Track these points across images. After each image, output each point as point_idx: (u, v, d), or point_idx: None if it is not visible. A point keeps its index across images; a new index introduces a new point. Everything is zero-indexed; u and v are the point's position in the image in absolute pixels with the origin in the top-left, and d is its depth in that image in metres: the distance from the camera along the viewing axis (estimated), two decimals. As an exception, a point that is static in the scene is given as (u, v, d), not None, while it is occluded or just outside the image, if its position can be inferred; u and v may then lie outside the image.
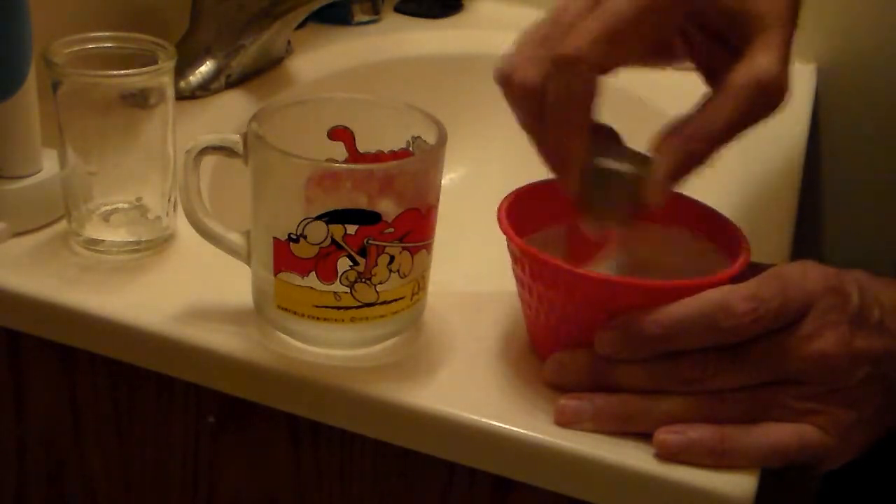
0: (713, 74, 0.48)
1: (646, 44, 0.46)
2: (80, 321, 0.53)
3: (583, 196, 0.48)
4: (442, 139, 0.49)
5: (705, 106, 0.46)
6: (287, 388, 0.50)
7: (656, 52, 0.51)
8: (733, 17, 0.46)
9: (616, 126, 0.50)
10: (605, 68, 0.45)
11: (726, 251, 0.50)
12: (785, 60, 0.45)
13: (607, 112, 0.48)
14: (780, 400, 0.46)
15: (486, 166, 0.92)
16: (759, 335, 0.45)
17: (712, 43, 0.48)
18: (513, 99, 0.48)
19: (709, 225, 0.52)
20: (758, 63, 0.45)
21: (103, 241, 0.57)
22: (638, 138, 0.50)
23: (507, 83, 0.48)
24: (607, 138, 0.50)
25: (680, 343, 0.46)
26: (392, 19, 1.02)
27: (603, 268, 0.49)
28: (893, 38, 0.98)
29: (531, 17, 0.49)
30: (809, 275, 0.47)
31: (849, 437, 0.47)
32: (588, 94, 0.45)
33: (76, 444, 0.59)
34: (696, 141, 0.46)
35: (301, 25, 0.89)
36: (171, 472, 0.57)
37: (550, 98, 0.46)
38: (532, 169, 0.51)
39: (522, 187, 0.53)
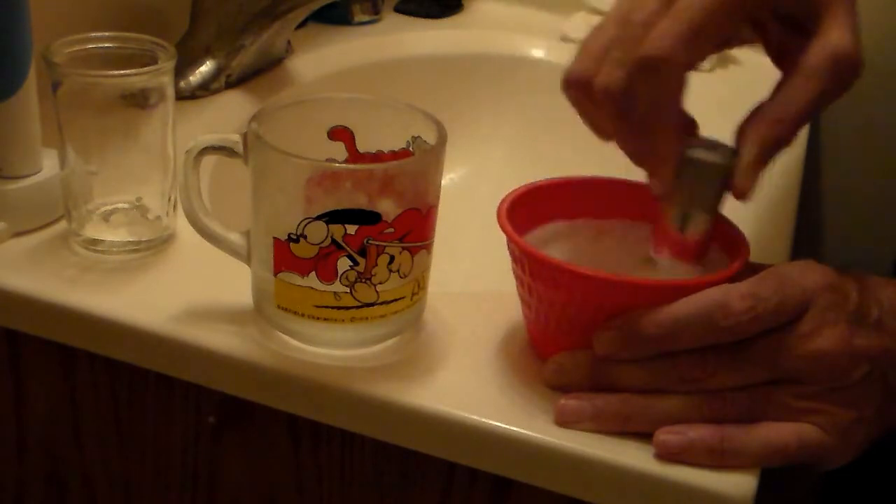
0: (783, 56, 0.48)
1: (725, 35, 0.46)
2: (80, 321, 0.53)
3: (674, 189, 0.48)
4: (442, 139, 0.49)
5: (784, 88, 0.46)
6: (287, 388, 0.50)
7: (728, 39, 0.51)
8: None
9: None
10: (692, 66, 0.45)
11: (725, 250, 0.50)
12: (855, 33, 0.46)
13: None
14: (779, 399, 0.46)
15: (486, 166, 0.92)
16: (757, 334, 0.45)
17: (781, 25, 0.48)
18: (594, 103, 0.47)
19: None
20: (831, 39, 0.45)
21: (103, 241, 0.57)
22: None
23: (586, 88, 0.46)
24: (688, 129, 0.50)
25: (679, 343, 0.46)
26: (392, 19, 1.02)
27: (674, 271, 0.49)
28: (893, 37, 0.98)
29: (531, 17, 0.49)
30: (808, 273, 0.47)
31: (849, 436, 0.47)
32: (678, 93, 0.46)
33: (76, 444, 0.59)
34: (779, 124, 0.46)
35: (301, 25, 0.89)
36: (171, 471, 0.57)
37: (643, 100, 0.45)
38: (532, 169, 0.51)
39: (522, 187, 0.52)
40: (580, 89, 0.47)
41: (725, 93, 0.47)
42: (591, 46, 0.47)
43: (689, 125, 0.50)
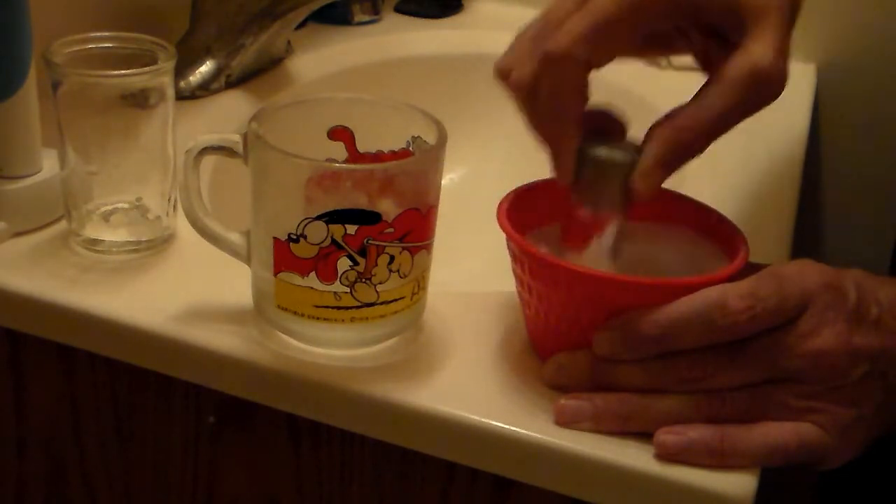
0: (709, 64, 0.48)
1: (633, 39, 0.47)
2: (80, 321, 0.53)
3: (578, 184, 0.49)
4: (442, 139, 0.49)
5: (698, 96, 0.46)
6: (287, 388, 0.50)
7: (652, 44, 0.51)
8: (728, 8, 0.46)
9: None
10: (593, 64, 0.46)
11: (725, 250, 0.50)
12: (781, 50, 0.45)
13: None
14: (778, 398, 0.46)
15: (486, 166, 0.92)
16: (756, 333, 0.45)
17: (708, 36, 0.48)
18: (511, 94, 0.49)
19: (708, 224, 0.52)
20: (752, 53, 0.45)
21: (103, 241, 0.57)
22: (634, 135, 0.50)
23: (505, 80, 0.49)
24: (610, 125, 0.50)
25: (678, 343, 0.46)
26: (392, 19, 1.02)
27: (595, 253, 0.49)
28: (893, 38, 0.98)
29: (531, 17, 0.49)
30: (807, 273, 0.47)
31: (848, 435, 0.47)
32: (576, 89, 0.46)
33: (76, 444, 0.59)
34: (686, 131, 0.46)
35: (301, 25, 0.89)
36: (171, 471, 0.57)
37: (542, 94, 0.47)
38: (532, 168, 0.51)
39: (522, 186, 0.53)
40: (503, 81, 0.49)
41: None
42: (518, 41, 0.49)
43: (611, 122, 0.50)
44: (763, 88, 0.45)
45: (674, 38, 0.50)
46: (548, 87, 0.46)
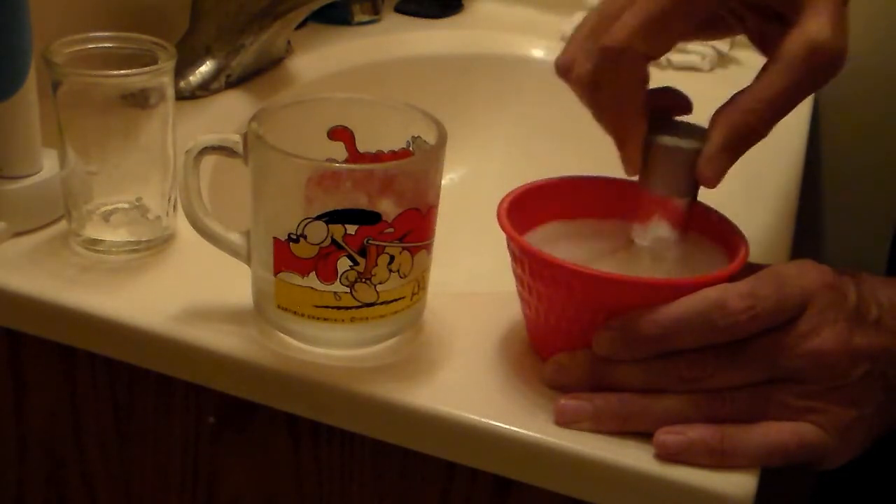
0: (767, 45, 0.48)
1: (687, 27, 0.47)
2: (80, 321, 0.53)
3: (645, 172, 0.49)
4: (442, 139, 0.49)
5: (759, 77, 0.46)
6: (287, 388, 0.50)
7: (707, 28, 0.51)
8: None
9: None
10: (651, 54, 0.46)
11: (725, 250, 0.50)
12: (838, 25, 0.45)
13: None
14: (778, 398, 0.46)
15: (486, 166, 0.92)
16: (756, 333, 0.45)
17: (762, 17, 0.49)
18: (574, 90, 0.49)
19: (708, 224, 0.52)
20: (809, 29, 0.45)
21: (103, 241, 0.57)
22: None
23: (566, 76, 0.49)
24: (671, 103, 0.51)
25: (678, 342, 0.46)
26: (392, 19, 1.02)
27: (655, 232, 0.50)
28: (893, 37, 0.98)
29: (531, 17, 0.49)
30: (806, 273, 0.47)
31: (849, 435, 0.47)
32: (637, 81, 0.47)
33: (76, 444, 0.59)
34: (749, 113, 0.46)
35: (301, 25, 0.89)
36: (171, 471, 0.57)
37: (604, 88, 0.47)
38: (532, 168, 0.51)
39: (522, 186, 0.53)
40: (565, 77, 0.49)
41: (725, 93, 0.47)
42: (576, 37, 0.49)
43: (682, 103, 0.51)
44: (823, 64, 0.45)
45: (728, 21, 0.51)
46: (609, 81, 0.47)
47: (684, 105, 0.51)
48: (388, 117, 0.52)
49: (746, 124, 0.46)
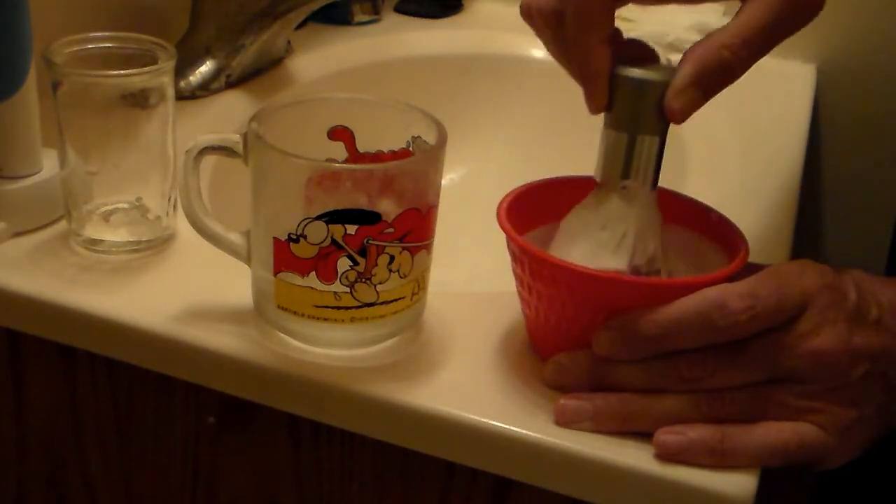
0: None
1: None
2: (80, 321, 0.53)
3: (613, 110, 0.48)
4: (442, 139, 0.49)
5: (737, 14, 0.45)
6: (287, 388, 0.50)
7: None
8: None
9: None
10: None
11: (725, 250, 0.50)
12: None
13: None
14: (779, 398, 0.46)
15: (486, 166, 0.92)
16: (756, 333, 0.45)
17: None
18: (535, 28, 0.48)
19: (708, 224, 0.52)
20: None
21: (103, 241, 0.57)
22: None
23: (528, 14, 0.48)
24: (639, 54, 0.49)
25: (678, 342, 0.46)
26: (392, 19, 1.02)
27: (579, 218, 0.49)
28: (893, 37, 0.98)
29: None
30: (806, 273, 0.47)
31: (849, 435, 0.47)
32: (601, 8, 0.46)
33: (76, 444, 0.59)
34: (724, 48, 0.44)
35: (301, 25, 0.89)
36: (171, 472, 0.57)
37: (568, 18, 0.46)
38: (532, 168, 0.51)
39: (522, 186, 0.53)
40: (525, 16, 0.48)
41: (725, 93, 0.47)
42: None
43: (650, 55, 0.49)
44: (803, 2, 0.44)
45: None
46: (573, 8, 0.46)
47: (652, 57, 0.49)
48: (388, 117, 0.52)
49: (719, 59, 0.44)
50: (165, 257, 0.58)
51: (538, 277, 0.48)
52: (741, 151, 0.75)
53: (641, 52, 0.49)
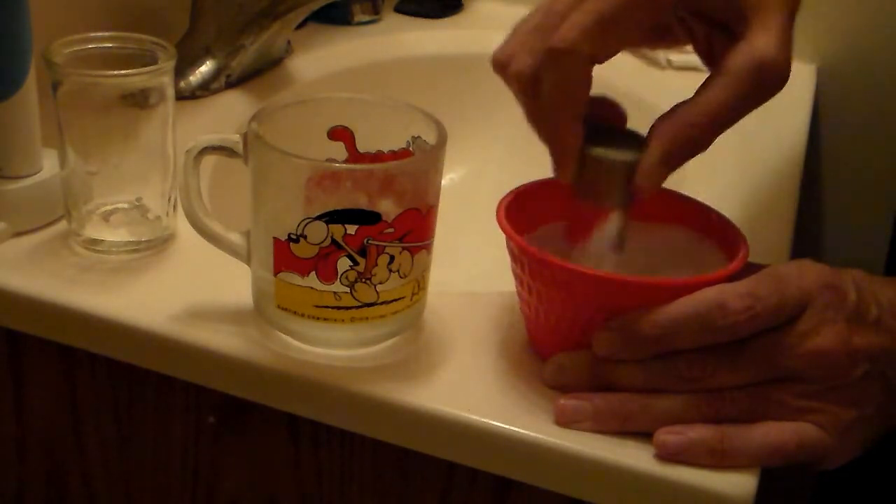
0: (713, 59, 0.48)
1: (637, 32, 0.46)
2: (80, 321, 0.53)
3: (580, 182, 0.48)
4: (442, 139, 0.49)
5: (702, 90, 0.46)
6: (287, 388, 0.50)
7: (654, 37, 0.51)
8: (729, 1, 0.46)
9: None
10: (597, 59, 0.45)
11: (725, 250, 0.50)
12: (784, 42, 0.45)
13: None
14: (778, 398, 0.46)
15: (486, 166, 0.92)
16: (756, 333, 0.45)
17: (711, 27, 0.48)
18: (507, 83, 0.48)
19: (708, 224, 0.52)
20: (756, 45, 0.44)
21: (103, 241, 0.57)
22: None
23: (504, 72, 0.48)
24: (609, 112, 0.50)
25: (677, 343, 0.46)
26: (392, 19, 1.02)
27: (598, 244, 0.49)
28: (893, 37, 0.98)
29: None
30: (806, 273, 0.47)
31: (849, 435, 0.47)
32: (580, 85, 0.46)
33: (76, 444, 0.59)
34: (690, 127, 0.45)
35: (301, 25, 0.89)
36: (171, 472, 0.57)
37: (545, 88, 0.46)
38: (532, 168, 0.51)
39: (522, 186, 0.53)
40: (500, 72, 0.48)
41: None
42: (518, 31, 0.48)
43: (612, 110, 0.50)
44: (767, 80, 0.45)
45: (676, 30, 0.50)
46: (551, 82, 0.46)
47: (619, 116, 0.50)
48: (388, 117, 0.52)
49: (687, 137, 0.45)
50: (165, 257, 0.58)
51: (538, 277, 0.48)
52: (741, 151, 0.75)
53: (608, 112, 0.50)
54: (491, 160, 0.93)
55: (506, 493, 0.49)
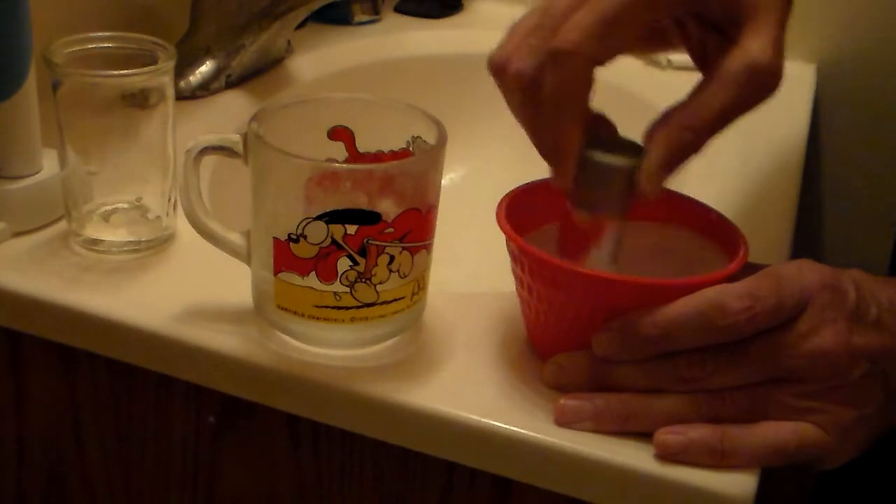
0: (707, 62, 0.48)
1: (639, 32, 0.46)
2: (80, 321, 0.53)
3: (577, 188, 0.48)
4: (442, 139, 0.49)
5: (697, 93, 0.46)
6: (287, 388, 0.50)
7: (650, 40, 0.51)
8: (725, 3, 0.46)
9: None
10: (601, 60, 0.45)
11: (725, 250, 0.50)
12: (778, 45, 0.45)
13: (604, 111, 0.49)
14: (778, 398, 0.46)
15: (486, 166, 0.92)
16: (756, 333, 0.45)
17: (705, 30, 0.48)
18: (507, 88, 0.47)
19: (707, 224, 0.52)
20: (750, 48, 0.45)
21: (103, 241, 0.57)
22: (635, 136, 0.50)
23: (502, 73, 0.47)
24: (603, 129, 0.50)
25: (677, 343, 0.46)
26: (392, 19, 1.02)
27: (595, 260, 0.49)
28: (893, 37, 0.98)
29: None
30: (806, 272, 0.47)
31: (849, 435, 0.47)
32: (584, 87, 0.45)
33: (76, 443, 0.59)
34: (687, 130, 0.45)
35: (301, 25, 0.89)
36: (171, 472, 0.57)
37: (546, 90, 0.45)
38: (532, 169, 0.51)
39: (521, 186, 0.53)
40: (498, 74, 0.47)
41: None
42: (515, 32, 0.47)
43: (606, 125, 0.50)
44: (761, 84, 0.45)
45: (671, 33, 0.50)
46: (554, 83, 0.45)
47: (611, 130, 0.50)
48: (388, 117, 0.52)
49: (684, 141, 0.45)
50: (165, 257, 0.58)
51: (538, 278, 0.48)
52: (741, 151, 0.75)
53: (602, 128, 0.49)
54: (491, 160, 0.93)
55: (506, 493, 0.49)
